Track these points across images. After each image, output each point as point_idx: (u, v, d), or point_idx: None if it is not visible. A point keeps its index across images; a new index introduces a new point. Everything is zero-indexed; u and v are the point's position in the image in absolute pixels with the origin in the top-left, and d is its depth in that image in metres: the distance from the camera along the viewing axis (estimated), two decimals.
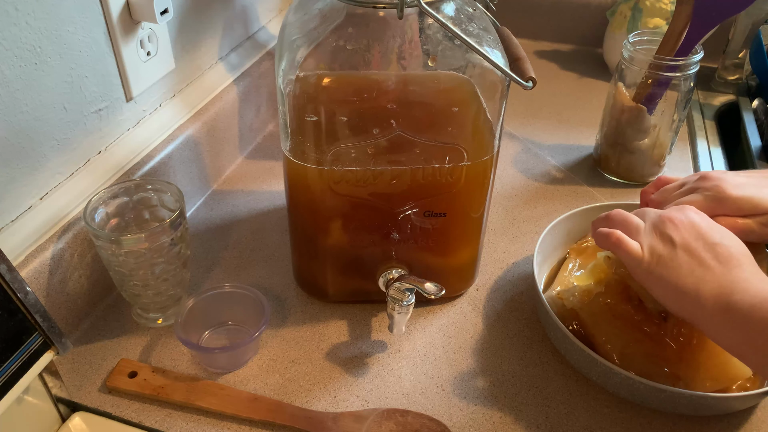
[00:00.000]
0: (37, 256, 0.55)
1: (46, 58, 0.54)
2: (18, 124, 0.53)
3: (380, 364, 0.59)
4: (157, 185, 0.60)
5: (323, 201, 0.56)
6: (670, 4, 0.96)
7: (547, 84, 1.06)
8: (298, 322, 0.63)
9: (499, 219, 0.77)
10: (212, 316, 0.61)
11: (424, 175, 0.54)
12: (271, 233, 0.74)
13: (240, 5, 0.84)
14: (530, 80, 0.50)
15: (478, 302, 0.65)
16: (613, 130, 0.80)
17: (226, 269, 0.69)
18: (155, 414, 0.54)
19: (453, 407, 0.55)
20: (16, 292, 0.44)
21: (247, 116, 0.86)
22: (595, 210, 0.67)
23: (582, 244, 0.66)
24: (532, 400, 0.55)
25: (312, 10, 0.53)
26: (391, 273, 0.59)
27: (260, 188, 0.81)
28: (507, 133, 0.93)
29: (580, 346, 0.53)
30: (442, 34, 0.51)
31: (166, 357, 0.59)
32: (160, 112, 0.72)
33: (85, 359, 0.58)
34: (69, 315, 0.60)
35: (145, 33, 0.65)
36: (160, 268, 0.57)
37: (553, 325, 0.55)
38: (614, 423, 0.54)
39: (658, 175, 0.83)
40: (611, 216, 0.54)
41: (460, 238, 0.61)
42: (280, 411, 0.53)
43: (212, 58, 0.81)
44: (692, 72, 0.74)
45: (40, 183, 0.57)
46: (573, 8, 1.14)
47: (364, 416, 0.53)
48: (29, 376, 0.46)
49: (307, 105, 0.50)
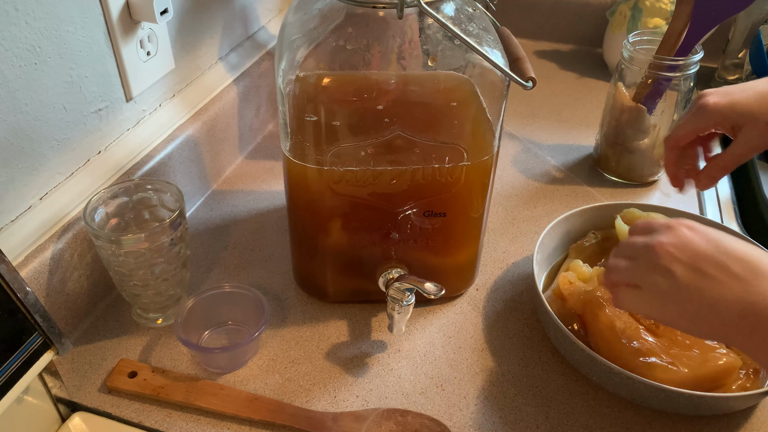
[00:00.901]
0: (36, 256, 0.55)
1: (45, 58, 0.54)
2: (18, 124, 0.53)
3: (380, 364, 0.59)
4: (156, 185, 0.60)
5: (323, 201, 0.56)
6: (670, 4, 0.96)
7: (547, 84, 1.06)
8: (298, 322, 0.63)
9: (499, 219, 0.77)
10: (212, 316, 0.61)
11: (424, 175, 0.54)
12: (271, 233, 0.74)
13: (240, 5, 0.84)
14: (530, 80, 0.50)
15: (477, 302, 0.65)
16: (613, 130, 0.80)
17: (226, 269, 0.69)
18: (155, 414, 0.54)
19: (453, 407, 0.55)
20: (16, 292, 0.44)
21: (247, 116, 0.86)
22: (595, 210, 0.67)
23: (582, 244, 0.66)
24: (532, 400, 0.55)
25: (312, 10, 0.53)
26: (390, 273, 0.59)
27: (260, 188, 0.81)
28: (507, 133, 0.93)
29: (581, 345, 0.53)
30: (442, 34, 0.51)
31: (166, 357, 0.59)
32: (160, 112, 0.72)
33: (84, 359, 0.58)
34: (69, 315, 0.60)
35: (144, 33, 0.65)
36: (159, 268, 0.57)
37: (553, 325, 0.55)
38: (614, 423, 0.54)
39: (658, 174, 0.83)
40: (609, 265, 0.49)
41: (460, 238, 0.61)
42: (279, 411, 0.53)
43: (212, 58, 0.81)
44: (692, 72, 0.74)
45: (40, 183, 0.57)
46: (573, 8, 1.14)
47: (364, 416, 0.53)
48: (29, 376, 0.46)
49: (307, 105, 0.50)
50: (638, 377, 0.50)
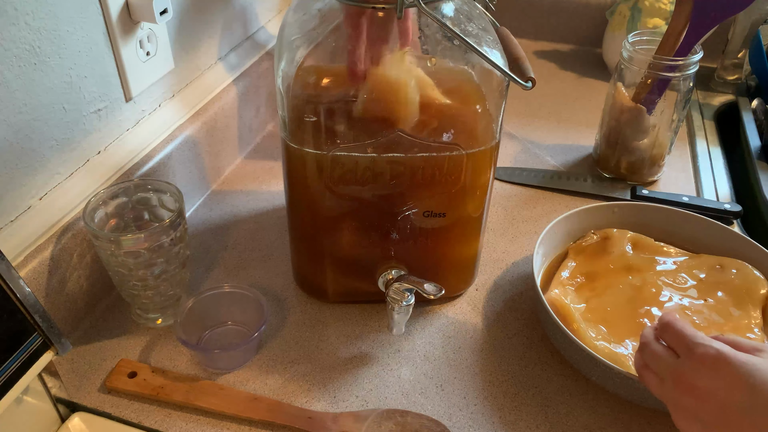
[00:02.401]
0: (36, 256, 0.55)
1: (45, 58, 0.54)
2: (17, 124, 0.53)
3: (380, 364, 0.59)
4: (156, 185, 0.60)
5: (323, 201, 0.56)
6: (669, 4, 0.96)
7: (547, 84, 1.06)
8: (298, 322, 0.63)
9: (499, 219, 0.77)
10: (212, 316, 0.61)
11: (423, 175, 0.54)
12: (271, 233, 0.74)
13: (239, 5, 0.84)
14: (529, 80, 0.50)
15: (477, 302, 0.65)
16: (613, 130, 0.80)
17: (226, 269, 0.69)
18: (155, 414, 0.54)
19: (453, 407, 0.55)
20: (15, 293, 0.44)
21: (247, 116, 0.86)
22: (593, 210, 0.67)
23: (581, 244, 0.66)
24: (532, 400, 0.55)
25: (311, 11, 0.53)
26: (390, 273, 0.58)
27: (260, 188, 0.81)
28: (507, 133, 0.93)
29: (581, 345, 0.53)
30: (441, 34, 0.51)
31: (166, 357, 0.59)
32: (160, 112, 0.72)
33: (84, 359, 0.58)
34: (68, 315, 0.60)
35: (144, 33, 0.65)
36: (159, 268, 0.57)
37: (553, 325, 0.55)
38: (614, 423, 0.54)
39: (658, 174, 0.83)
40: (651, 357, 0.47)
41: (459, 238, 0.61)
42: (279, 411, 0.53)
43: (211, 58, 0.81)
44: (691, 72, 0.74)
45: (40, 183, 0.57)
46: (573, 8, 1.14)
47: (364, 416, 0.53)
48: (29, 377, 0.46)
49: (306, 105, 0.50)
50: (638, 377, 0.50)
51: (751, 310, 0.59)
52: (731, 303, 0.59)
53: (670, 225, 0.67)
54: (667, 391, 0.44)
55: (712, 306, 0.59)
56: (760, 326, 0.57)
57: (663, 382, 0.45)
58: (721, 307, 0.59)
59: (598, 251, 0.66)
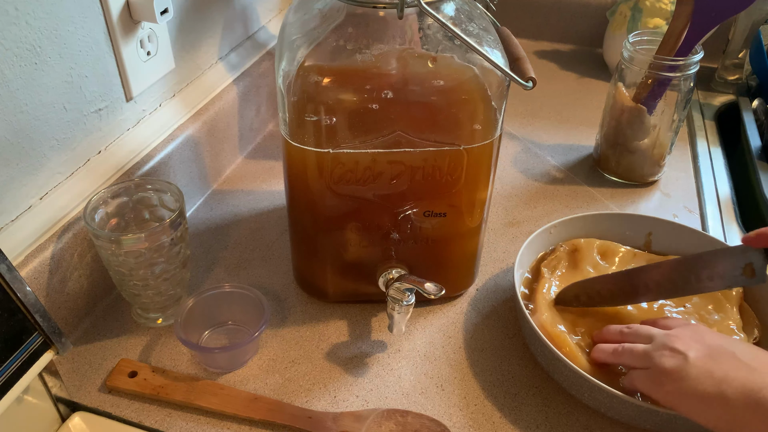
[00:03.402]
0: (36, 256, 0.55)
1: (46, 57, 0.54)
2: (18, 124, 0.53)
3: (380, 364, 0.59)
4: (156, 185, 0.60)
5: (323, 201, 0.56)
6: (670, 4, 0.96)
7: (547, 84, 1.06)
8: (298, 322, 0.63)
9: (499, 219, 0.77)
10: (212, 316, 0.61)
11: (424, 175, 0.54)
12: (271, 233, 0.74)
13: (240, 5, 0.84)
14: (530, 80, 0.50)
15: (477, 302, 0.65)
16: (613, 130, 0.80)
17: (226, 269, 0.69)
18: (155, 414, 0.54)
19: (453, 407, 0.55)
20: (15, 292, 0.44)
21: (247, 116, 0.86)
22: (566, 223, 0.66)
23: (551, 261, 0.64)
24: (532, 400, 0.55)
25: (312, 10, 0.53)
26: (390, 273, 0.59)
27: (260, 188, 0.81)
28: (507, 133, 0.93)
29: (571, 366, 0.52)
30: (442, 34, 0.51)
31: (166, 357, 0.59)
32: (160, 112, 0.72)
33: (84, 359, 0.58)
34: (69, 315, 0.60)
35: (145, 33, 0.65)
36: (159, 268, 0.57)
37: (541, 345, 0.54)
38: (614, 423, 0.54)
39: (659, 175, 0.83)
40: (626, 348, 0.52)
41: (460, 238, 0.61)
42: (280, 411, 0.53)
43: (212, 57, 0.81)
44: (692, 72, 0.74)
45: (40, 183, 0.57)
46: (573, 8, 1.14)
47: (364, 416, 0.53)
48: (29, 376, 0.46)
49: (307, 105, 0.50)
50: (642, 402, 0.49)
51: (729, 311, 0.59)
52: (710, 306, 0.59)
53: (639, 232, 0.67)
54: (655, 353, 0.49)
55: (690, 312, 0.59)
56: (740, 327, 0.58)
57: (649, 351, 0.50)
58: (703, 313, 0.59)
59: (569, 265, 0.64)
